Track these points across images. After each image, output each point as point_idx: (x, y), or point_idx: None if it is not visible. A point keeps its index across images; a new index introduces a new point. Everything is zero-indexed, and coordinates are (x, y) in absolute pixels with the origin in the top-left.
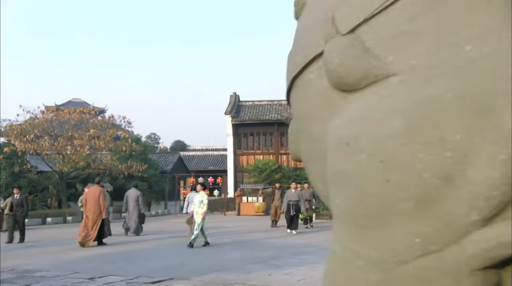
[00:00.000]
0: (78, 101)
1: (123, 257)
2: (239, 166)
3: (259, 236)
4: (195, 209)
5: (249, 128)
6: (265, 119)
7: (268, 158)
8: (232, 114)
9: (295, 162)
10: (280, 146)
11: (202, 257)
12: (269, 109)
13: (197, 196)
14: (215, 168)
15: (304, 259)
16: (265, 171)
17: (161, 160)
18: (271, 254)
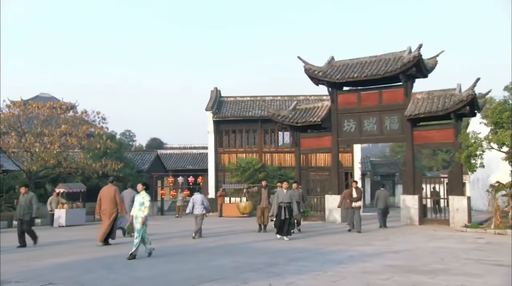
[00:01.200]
0: (47, 97)
1: (105, 264)
2: (221, 164)
3: (246, 240)
4: (135, 213)
5: (231, 125)
6: (248, 116)
7: (251, 156)
8: (213, 110)
9: (279, 161)
10: (263, 143)
11: (190, 264)
12: (252, 105)
13: (138, 197)
14: (194, 167)
15: (303, 266)
16: (248, 170)
17: (137, 159)
18: (264, 261)
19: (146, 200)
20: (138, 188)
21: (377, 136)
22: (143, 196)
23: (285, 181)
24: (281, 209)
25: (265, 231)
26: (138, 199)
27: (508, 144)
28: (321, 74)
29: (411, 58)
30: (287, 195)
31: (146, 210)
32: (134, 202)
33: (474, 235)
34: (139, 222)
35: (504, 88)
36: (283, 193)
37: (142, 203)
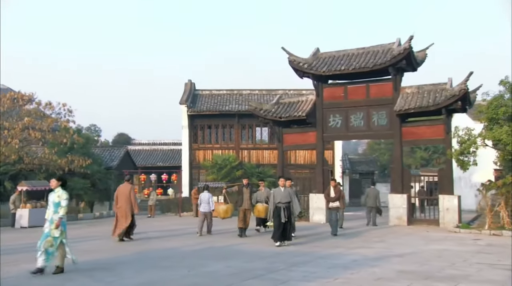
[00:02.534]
0: (3, 88)
1: (87, 269)
2: (195, 161)
3: (234, 242)
4: (49, 216)
5: (206, 120)
6: (225, 110)
7: (228, 153)
8: (188, 104)
9: (257, 158)
10: (240, 139)
11: (181, 271)
12: (228, 99)
13: (52, 196)
14: (165, 164)
15: (308, 272)
16: (225, 167)
17: (106, 155)
18: (262, 266)
19: (62, 199)
20: (52, 184)
21: (365, 132)
22: (58, 194)
23: (281, 178)
24: (280, 211)
25: (246, 236)
26: (53, 198)
27: (505, 140)
28: (306, 66)
29: (401, 51)
30: (286, 194)
31: (62, 210)
32: (48, 202)
33: (469, 236)
34: (54, 228)
35: (500, 82)
36: (281, 191)
37: (57, 203)
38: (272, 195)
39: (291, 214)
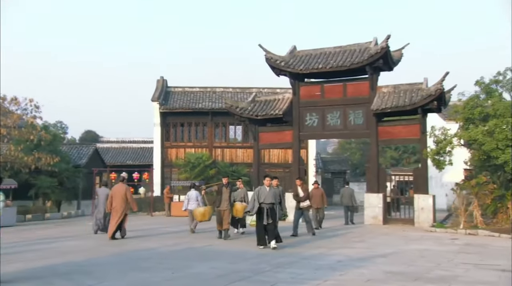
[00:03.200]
0: None
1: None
2: (167, 160)
3: (213, 242)
4: None
5: (179, 118)
6: (198, 108)
7: (201, 151)
8: (160, 101)
9: (231, 156)
10: (214, 138)
11: (164, 272)
12: (201, 97)
13: None
14: (135, 162)
15: (295, 274)
16: (198, 166)
17: (74, 152)
18: (247, 267)
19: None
20: None
21: (341, 131)
22: None
23: (267, 176)
24: (263, 212)
25: (226, 237)
26: None
27: (481, 140)
28: (283, 64)
29: (379, 50)
30: (271, 194)
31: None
32: None
33: (446, 235)
34: None
35: (475, 83)
36: (266, 191)
37: None
38: (255, 194)
39: (275, 216)
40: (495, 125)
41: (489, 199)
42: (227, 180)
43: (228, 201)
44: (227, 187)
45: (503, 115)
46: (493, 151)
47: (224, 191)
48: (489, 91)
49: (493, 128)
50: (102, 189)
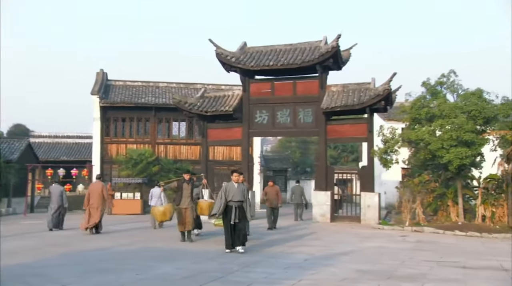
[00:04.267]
0: None
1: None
2: (107, 156)
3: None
4: None
5: (120, 113)
6: (141, 102)
7: (144, 148)
8: (100, 95)
9: (174, 153)
10: (157, 134)
11: (127, 274)
12: (144, 91)
13: None
14: (70, 158)
15: (266, 274)
16: (140, 162)
17: (4, 147)
18: (215, 267)
19: None
20: None
21: (291, 129)
22: None
23: (235, 172)
24: (231, 210)
25: (190, 240)
26: None
27: (427, 140)
28: (234, 60)
29: (329, 49)
30: (240, 191)
31: None
32: None
33: (394, 232)
34: None
35: (422, 84)
36: (234, 187)
37: None
38: (223, 191)
39: (245, 214)
40: (440, 126)
41: (431, 197)
42: (189, 176)
43: (189, 198)
44: (189, 183)
45: (448, 116)
46: (439, 151)
47: (185, 188)
48: (435, 93)
49: (438, 128)
50: (55, 186)
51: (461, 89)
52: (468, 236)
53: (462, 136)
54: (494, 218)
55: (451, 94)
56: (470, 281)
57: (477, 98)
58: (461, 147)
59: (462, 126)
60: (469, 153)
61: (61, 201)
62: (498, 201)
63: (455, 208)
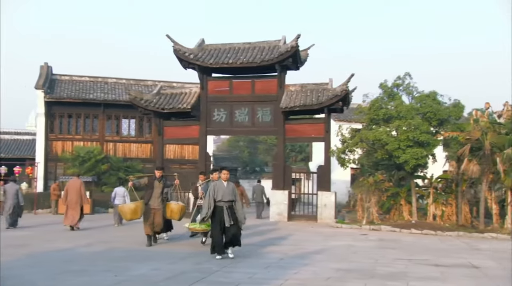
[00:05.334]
0: None
1: None
2: (52, 153)
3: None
4: None
5: (66, 108)
6: (89, 98)
7: (91, 145)
8: (45, 89)
9: (123, 151)
10: (105, 131)
11: (102, 275)
12: (92, 87)
13: None
14: (7, 155)
15: (249, 273)
16: (88, 160)
17: None
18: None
19: None
20: None
21: (249, 128)
22: None
23: (223, 169)
24: (222, 212)
25: (156, 243)
26: None
27: (385, 140)
28: (192, 57)
29: (289, 48)
30: (230, 190)
31: None
32: None
33: (354, 231)
34: None
35: (380, 85)
36: (223, 186)
37: None
38: (211, 191)
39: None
40: (397, 127)
41: (385, 196)
42: (161, 173)
43: (160, 198)
44: (160, 181)
45: (405, 117)
46: (395, 151)
47: (156, 186)
48: (391, 94)
49: (396, 129)
50: (10, 184)
51: (416, 91)
52: (424, 234)
53: (418, 137)
54: (444, 217)
55: (407, 96)
56: (449, 279)
57: (432, 100)
58: (416, 148)
59: (418, 128)
60: (424, 153)
61: (16, 199)
62: (447, 200)
63: (407, 206)
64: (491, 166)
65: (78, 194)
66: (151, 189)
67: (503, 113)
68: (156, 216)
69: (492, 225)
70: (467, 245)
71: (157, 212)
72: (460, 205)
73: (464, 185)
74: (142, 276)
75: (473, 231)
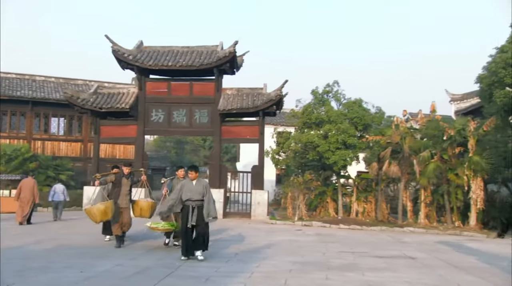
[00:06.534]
0: None
1: None
2: None
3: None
4: None
5: None
6: (16, 96)
7: (18, 143)
8: None
9: (52, 149)
10: (33, 129)
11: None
12: (19, 84)
13: None
14: None
15: (215, 267)
16: (15, 158)
17: None
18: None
19: None
20: None
21: (187, 128)
22: None
23: (192, 168)
24: (189, 211)
25: (123, 244)
26: None
27: (316, 142)
28: (131, 58)
29: (227, 54)
30: (199, 189)
31: None
32: None
33: (289, 227)
34: None
35: (311, 92)
36: (192, 185)
37: None
38: (178, 188)
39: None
40: (328, 130)
41: (313, 195)
42: (129, 169)
43: (128, 197)
44: (128, 178)
45: (335, 121)
46: (326, 152)
47: (124, 183)
48: (322, 100)
49: (327, 133)
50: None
51: (344, 98)
52: (351, 229)
53: (346, 140)
54: (365, 213)
55: (336, 103)
56: (398, 269)
57: (358, 106)
58: (344, 150)
59: (346, 131)
60: (351, 155)
61: None
62: (367, 198)
63: (332, 204)
64: (408, 167)
65: (31, 192)
66: (119, 187)
67: (418, 120)
68: (124, 214)
69: (407, 220)
70: (392, 238)
71: (125, 210)
72: (379, 202)
73: (382, 184)
74: (109, 272)
75: (394, 226)
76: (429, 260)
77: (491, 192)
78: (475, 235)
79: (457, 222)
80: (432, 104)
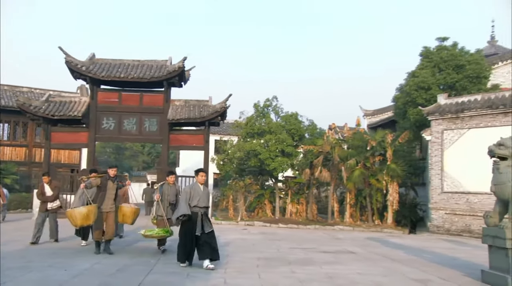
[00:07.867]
0: None
1: None
2: None
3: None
4: None
5: None
6: None
7: None
8: None
9: None
10: None
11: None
12: None
13: None
14: None
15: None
16: None
17: None
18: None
19: None
20: None
21: (136, 136)
22: None
23: (200, 171)
24: (197, 218)
25: (109, 252)
26: None
27: (259, 150)
28: (84, 68)
29: (176, 68)
30: (206, 194)
31: None
32: None
33: (233, 227)
34: None
35: (253, 105)
36: (200, 190)
37: None
38: (186, 194)
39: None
40: (269, 140)
41: (252, 197)
42: (115, 172)
43: (113, 201)
44: (114, 181)
45: (275, 132)
46: (267, 160)
47: (110, 186)
48: (263, 113)
49: (267, 142)
50: None
51: (282, 111)
52: (289, 227)
53: (284, 149)
54: (297, 213)
55: (275, 115)
56: (346, 262)
57: (294, 119)
58: (282, 157)
59: (284, 141)
60: (288, 162)
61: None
62: (299, 200)
63: (269, 205)
64: (337, 173)
65: None
66: (104, 191)
67: (344, 132)
68: (108, 219)
69: (335, 220)
70: (328, 235)
71: (110, 214)
72: (310, 203)
73: (313, 188)
74: (92, 270)
75: (325, 224)
76: (367, 254)
77: (401, 195)
78: (393, 231)
79: (376, 221)
80: (357, 118)
